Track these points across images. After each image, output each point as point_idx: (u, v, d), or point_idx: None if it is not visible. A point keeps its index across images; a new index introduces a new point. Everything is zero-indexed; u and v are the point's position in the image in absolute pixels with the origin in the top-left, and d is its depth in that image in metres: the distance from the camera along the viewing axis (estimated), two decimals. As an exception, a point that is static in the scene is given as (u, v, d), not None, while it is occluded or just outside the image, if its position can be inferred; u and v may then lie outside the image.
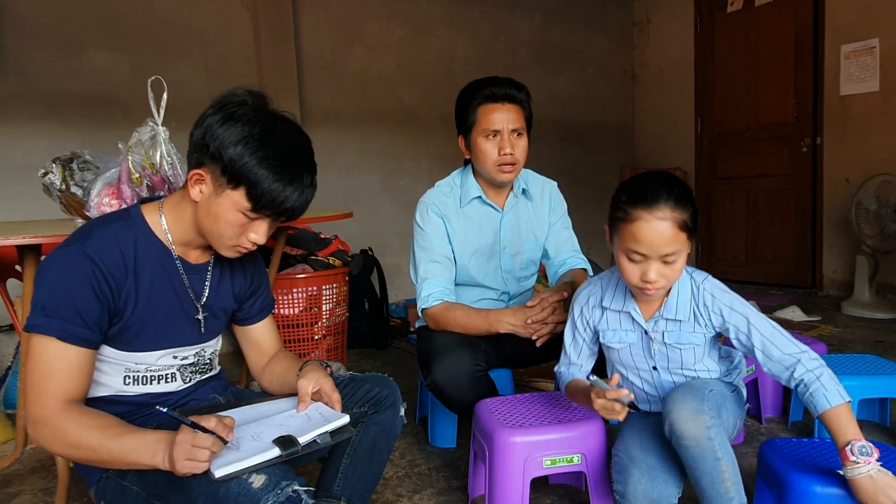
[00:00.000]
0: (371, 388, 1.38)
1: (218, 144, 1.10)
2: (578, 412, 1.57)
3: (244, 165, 1.09)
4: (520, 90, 1.81)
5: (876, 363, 1.99)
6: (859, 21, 4.03)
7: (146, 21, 3.27)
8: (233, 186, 1.11)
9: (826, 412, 1.23)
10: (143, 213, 1.22)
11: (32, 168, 2.06)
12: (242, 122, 1.11)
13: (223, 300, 1.34)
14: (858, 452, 1.16)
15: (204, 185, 1.14)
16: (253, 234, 1.17)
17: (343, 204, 3.89)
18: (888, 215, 3.60)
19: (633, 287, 1.35)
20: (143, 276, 1.18)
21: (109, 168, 1.76)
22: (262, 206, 1.13)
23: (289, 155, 1.14)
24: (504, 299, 1.97)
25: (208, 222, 1.16)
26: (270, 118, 1.16)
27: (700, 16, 5.01)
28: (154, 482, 1.12)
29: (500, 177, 1.81)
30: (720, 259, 5.10)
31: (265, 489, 0.99)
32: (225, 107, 1.13)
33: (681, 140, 5.22)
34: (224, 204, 1.13)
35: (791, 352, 1.31)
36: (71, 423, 1.07)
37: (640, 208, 1.26)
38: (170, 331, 1.24)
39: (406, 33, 4.26)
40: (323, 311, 2.82)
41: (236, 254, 1.21)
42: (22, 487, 1.93)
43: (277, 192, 1.12)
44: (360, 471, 1.36)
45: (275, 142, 1.13)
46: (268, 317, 1.47)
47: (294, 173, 1.14)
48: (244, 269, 1.39)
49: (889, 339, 3.21)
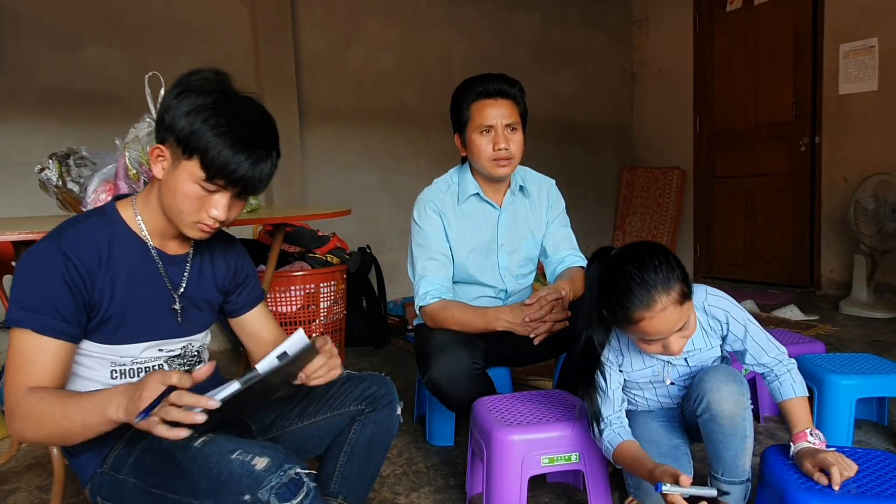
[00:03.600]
0: (368, 387, 1.37)
1: (173, 115, 1.11)
2: (576, 410, 1.57)
3: (196, 132, 1.09)
4: (512, 85, 1.81)
5: (874, 362, 1.99)
6: (858, 20, 4.03)
7: (144, 17, 3.26)
8: (187, 156, 1.11)
9: (790, 399, 1.38)
10: (118, 209, 1.23)
11: (29, 164, 2.05)
12: (197, 92, 1.12)
13: (205, 291, 1.33)
14: (815, 436, 1.32)
15: (164, 160, 1.15)
16: (213, 210, 1.16)
17: (341, 201, 3.89)
18: (886, 215, 3.60)
19: (658, 355, 1.40)
20: (119, 269, 1.17)
21: (106, 164, 1.76)
22: (215, 173, 1.11)
23: (243, 125, 1.13)
24: (502, 297, 1.96)
25: (168, 197, 1.16)
26: (227, 92, 1.16)
27: (699, 14, 5.01)
28: (152, 471, 1.11)
29: (495, 171, 1.81)
30: (719, 258, 5.10)
31: (268, 470, 0.99)
32: (183, 82, 1.14)
33: (679, 139, 5.22)
34: (181, 175, 1.12)
35: (774, 354, 1.42)
36: (34, 402, 1.07)
37: (638, 310, 1.25)
38: (150, 323, 1.23)
39: (405, 31, 4.25)
40: (320, 309, 2.82)
41: (200, 233, 1.20)
42: (18, 484, 1.92)
43: (229, 158, 1.10)
44: (356, 469, 1.36)
45: (230, 112, 1.12)
46: (259, 306, 1.46)
47: (247, 142, 1.12)
48: (226, 260, 1.38)
49: (887, 338, 3.21)
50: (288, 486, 0.99)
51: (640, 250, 1.30)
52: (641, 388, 1.52)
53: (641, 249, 1.30)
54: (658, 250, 1.30)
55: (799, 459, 1.29)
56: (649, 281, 1.24)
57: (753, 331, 1.43)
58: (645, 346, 1.34)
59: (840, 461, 1.22)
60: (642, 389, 1.53)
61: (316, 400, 1.38)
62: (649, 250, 1.29)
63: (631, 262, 1.28)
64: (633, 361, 1.47)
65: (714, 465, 1.39)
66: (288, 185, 3.73)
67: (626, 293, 1.26)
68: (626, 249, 1.33)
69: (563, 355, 1.99)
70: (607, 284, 1.30)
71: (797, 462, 1.29)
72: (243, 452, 1.03)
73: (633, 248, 1.32)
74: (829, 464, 1.21)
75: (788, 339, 2.29)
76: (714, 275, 5.13)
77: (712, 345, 1.46)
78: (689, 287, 1.29)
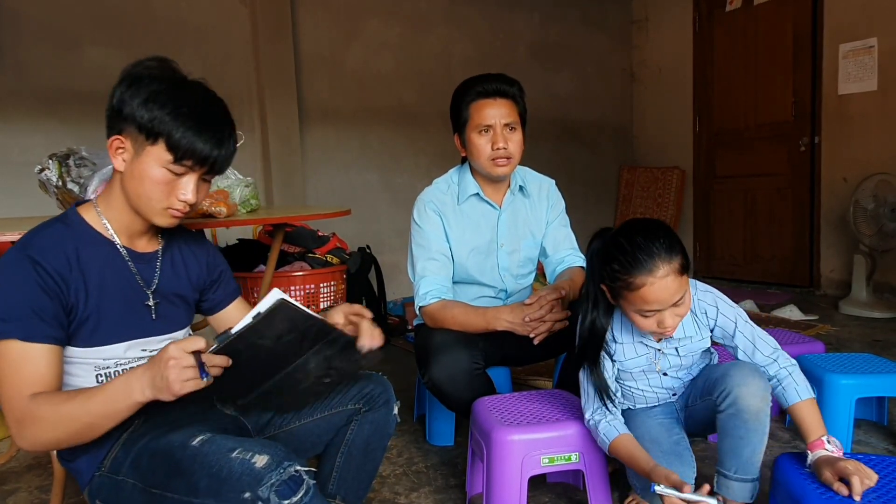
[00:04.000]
0: (364, 386, 1.37)
1: (130, 106, 1.12)
2: (576, 410, 1.57)
3: (157, 118, 1.11)
4: (511, 84, 1.81)
5: (873, 362, 1.99)
6: (858, 20, 4.03)
7: (143, 17, 3.26)
8: (152, 141, 1.13)
9: (796, 405, 1.36)
10: (81, 214, 1.22)
11: (29, 164, 2.05)
12: (149, 80, 1.14)
13: (178, 286, 1.33)
14: (833, 444, 1.29)
15: (125, 151, 1.15)
16: (182, 193, 1.17)
17: (341, 201, 3.89)
18: (886, 214, 3.60)
19: (651, 334, 1.42)
20: (90, 271, 1.17)
21: (106, 164, 1.75)
22: (183, 154, 1.13)
23: (200, 106, 1.16)
24: (502, 297, 1.96)
25: (135, 186, 1.16)
26: (176, 77, 1.18)
27: (699, 14, 5.01)
28: (151, 471, 1.11)
29: (494, 171, 1.81)
30: (718, 258, 5.10)
31: (268, 468, 1.00)
32: (130, 74, 1.16)
33: (679, 139, 5.22)
34: (147, 162, 1.14)
35: (768, 353, 1.42)
36: (44, 406, 1.08)
37: (640, 275, 1.28)
38: (126, 321, 1.23)
39: (405, 31, 4.25)
40: (320, 309, 2.81)
41: (171, 219, 1.20)
42: (18, 485, 1.92)
43: (194, 138, 1.13)
44: (354, 469, 1.37)
45: (186, 95, 1.15)
46: (236, 301, 1.46)
47: (209, 122, 1.16)
48: (197, 257, 1.38)
49: (886, 337, 3.21)
50: (288, 484, 1.00)
51: (645, 222, 1.35)
52: (635, 379, 1.54)
53: (646, 221, 1.36)
54: (661, 224, 1.35)
55: (817, 468, 1.25)
56: (653, 248, 1.28)
57: (743, 327, 1.45)
58: (640, 321, 1.35)
59: (860, 470, 1.18)
60: (636, 380, 1.54)
61: None
62: (653, 223, 1.35)
63: (636, 231, 1.32)
64: (625, 350, 1.49)
65: (727, 462, 1.38)
66: (288, 185, 3.73)
67: (630, 258, 1.29)
68: (629, 222, 1.37)
69: (563, 355, 1.99)
70: (610, 253, 1.33)
71: (815, 471, 1.26)
72: (243, 451, 1.03)
73: (636, 220, 1.38)
74: (849, 473, 1.17)
75: (788, 338, 2.29)
76: (714, 274, 5.13)
77: (702, 336, 1.48)
78: (687, 261, 1.32)
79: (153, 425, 1.20)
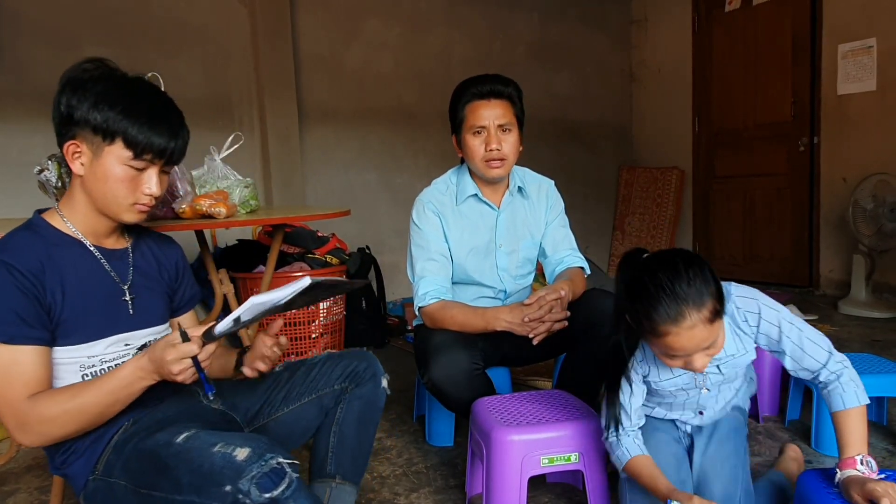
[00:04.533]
0: (348, 364, 1.39)
1: (80, 111, 1.14)
2: (576, 411, 1.57)
3: (110, 118, 1.13)
4: (507, 85, 1.81)
5: (873, 362, 1.99)
6: (857, 20, 4.04)
7: (143, 17, 3.26)
8: (109, 141, 1.14)
9: (838, 413, 1.25)
10: (45, 219, 1.23)
11: (28, 165, 2.04)
12: (93, 81, 1.16)
13: (152, 280, 1.34)
14: (866, 464, 1.18)
15: (82, 155, 1.17)
16: (146, 187, 1.20)
17: (341, 202, 3.89)
18: (885, 214, 3.60)
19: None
20: (64, 271, 1.18)
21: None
22: (143, 149, 1.16)
23: (150, 101, 1.19)
24: (501, 297, 1.96)
25: (99, 186, 1.17)
26: (115, 74, 1.20)
27: (698, 14, 5.01)
28: (139, 472, 1.12)
29: (488, 173, 1.81)
30: (718, 258, 5.10)
31: (248, 461, 0.99)
32: (71, 79, 1.18)
33: (678, 139, 5.22)
34: (107, 162, 1.15)
35: (818, 357, 1.28)
36: (49, 407, 1.10)
37: (664, 323, 1.14)
38: (105, 318, 1.23)
39: (404, 31, 4.25)
40: (320, 310, 2.82)
41: (139, 214, 1.22)
42: (17, 486, 1.92)
43: (150, 132, 1.15)
44: (349, 447, 1.38)
45: (131, 91, 1.17)
46: (192, 310, 1.48)
47: (160, 115, 1.18)
48: (167, 257, 1.40)
49: (885, 337, 3.22)
50: (269, 476, 0.99)
51: (676, 258, 1.18)
52: (674, 395, 1.40)
53: (677, 258, 1.18)
54: (694, 261, 1.18)
55: (845, 488, 1.16)
56: (680, 293, 1.13)
57: (790, 331, 1.29)
58: (666, 360, 1.24)
59: (891, 493, 1.09)
60: (675, 396, 1.41)
61: (298, 384, 1.39)
62: (685, 259, 1.18)
63: (664, 269, 1.16)
64: (660, 372, 1.36)
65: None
66: (287, 185, 3.73)
67: (653, 303, 1.15)
68: (660, 255, 1.22)
69: (562, 355, 1.99)
70: (635, 290, 1.19)
71: (843, 491, 1.17)
72: (225, 444, 1.04)
73: (668, 254, 1.21)
74: (878, 495, 1.08)
75: (787, 338, 2.29)
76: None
77: (746, 349, 1.34)
78: (721, 304, 1.18)
79: (142, 426, 1.21)
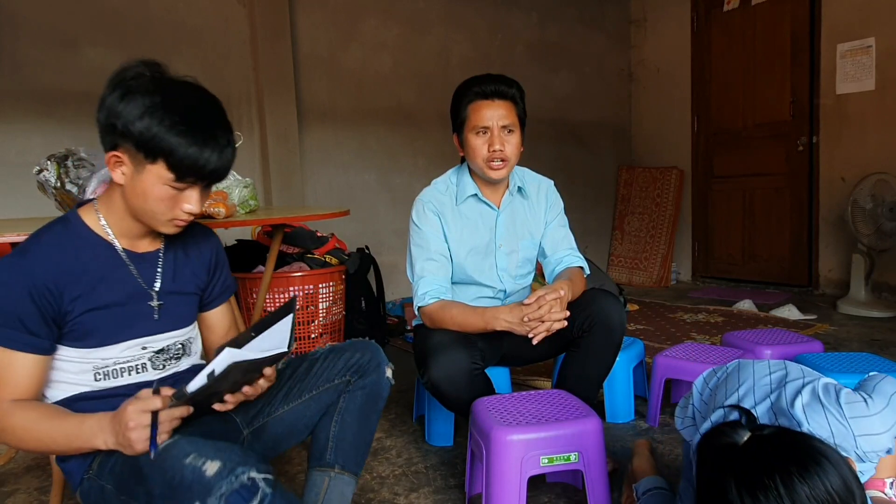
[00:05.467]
0: (351, 356, 1.36)
1: (124, 122, 1.07)
2: (575, 410, 1.57)
3: (155, 137, 1.07)
4: (510, 86, 1.80)
5: (872, 361, 1.99)
6: (855, 20, 4.04)
7: (142, 17, 3.26)
8: (151, 160, 1.09)
9: None
10: (81, 216, 1.21)
11: (27, 165, 2.05)
12: (141, 93, 1.08)
13: (182, 285, 1.31)
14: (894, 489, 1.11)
15: (123, 165, 1.12)
16: (186, 205, 1.15)
17: (340, 202, 3.89)
18: (884, 214, 3.61)
19: None
20: (88, 273, 1.17)
21: (104, 165, 1.75)
22: (185, 173, 1.10)
23: (197, 117, 1.11)
24: (500, 297, 1.96)
25: (138, 202, 1.14)
26: (169, 85, 1.12)
27: (697, 14, 5.01)
28: (122, 477, 1.11)
29: (490, 173, 1.81)
30: (717, 258, 5.10)
31: (218, 476, 0.95)
32: (121, 83, 1.10)
33: (677, 138, 5.23)
34: (148, 180, 1.11)
35: None
36: (18, 417, 1.10)
37: None
38: (127, 323, 1.22)
39: (403, 31, 4.25)
40: (319, 310, 2.82)
41: (175, 228, 1.20)
42: (17, 486, 1.92)
43: (196, 156, 1.09)
44: (350, 437, 1.35)
45: (180, 106, 1.09)
46: (227, 301, 1.45)
47: (207, 134, 1.10)
48: (201, 251, 1.36)
49: (885, 337, 3.22)
50: (240, 493, 0.95)
51: (805, 465, 0.82)
52: None
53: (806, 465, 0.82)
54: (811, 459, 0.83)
55: None
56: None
57: None
58: None
59: None
60: None
61: (300, 380, 1.36)
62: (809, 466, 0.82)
63: (783, 477, 0.82)
64: None
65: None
66: (286, 185, 3.73)
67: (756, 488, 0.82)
68: (781, 449, 0.85)
69: (561, 355, 1.99)
70: (732, 488, 0.84)
71: None
72: (197, 456, 0.99)
73: (791, 452, 0.84)
74: None
75: (786, 338, 2.30)
76: (712, 274, 5.14)
77: None
78: None
79: None
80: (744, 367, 1.23)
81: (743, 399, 1.11)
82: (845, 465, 0.83)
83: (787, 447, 0.85)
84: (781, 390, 1.08)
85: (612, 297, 1.82)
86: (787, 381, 1.10)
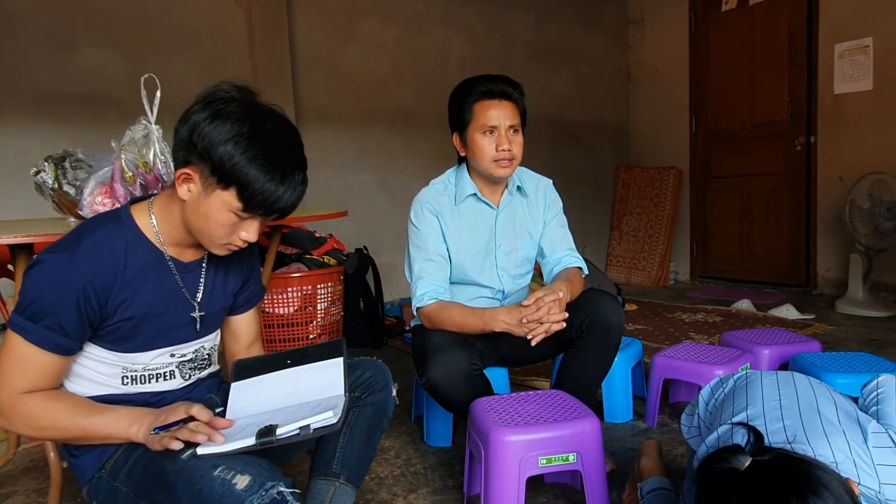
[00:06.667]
0: (363, 373, 1.39)
1: (206, 143, 1.07)
2: (574, 411, 1.57)
3: (235, 165, 1.06)
4: (514, 87, 1.82)
5: (870, 361, 2.00)
6: (853, 20, 4.05)
7: (139, 19, 3.26)
8: (223, 186, 1.09)
9: None
10: (133, 215, 1.21)
11: (24, 166, 2.04)
12: (231, 119, 1.08)
13: (219, 296, 1.33)
14: None
15: (192, 184, 1.12)
16: (244, 233, 1.16)
17: (338, 203, 3.89)
18: (881, 214, 3.61)
19: None
20: (135, 279, 1.17)
21: (102, 167, 1.75)
22: (254, 206, 1.11)
23: (280, 153, 1.11)
24: (499, 297, 1.96)
25: (198, 222, 1.14)
26: (259, 115, 1.12)
27: (695, 14, 5.02)
28: (142, 482, 1.12)
29: (497, 172, 1.82)
30: (715, 257, 5.11)
31: (249, 490, 0.97)
32: (212, 104, 1.10)
33: (675, 138, 5.23)
34: (214, 204, 1.11)
35: None
36: (37, 406, 1.10)
37: None
38: (166, 331, 1.23)
39: (401, 32, 4.25)
40: (318, 311, 2.81)
41: (227, 251, 1.20)
42: (14, 488, 1.91)
43: (270, 191, 1.09)
44: (356, 450, 1.37)
45: (265, 140, 1.09)
46: (253, 308, 1.46)
47: (285, 171, 1.11)
48: (240, 263, 1.38)
49: (883, 337, 3.22)
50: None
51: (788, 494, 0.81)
52: None
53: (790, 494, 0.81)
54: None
55: None
56: None
57: None
58: None
59: None
60: None
61: None
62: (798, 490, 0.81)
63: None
64: None
65: None
66: (284, 186, 3.73)
67: None
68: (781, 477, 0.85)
69: (560, 356, 1.99)
70: None
71: None
72: (226, 469, 1.01)
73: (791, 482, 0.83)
74: None
75: (785, 338, 2.30)
76: (710, 274, 5.14)
77: None
78: None
79: None
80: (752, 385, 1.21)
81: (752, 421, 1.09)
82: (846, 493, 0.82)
83: (787, 476, 0.85)
84: None
85: (611, 298, 1.82)
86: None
